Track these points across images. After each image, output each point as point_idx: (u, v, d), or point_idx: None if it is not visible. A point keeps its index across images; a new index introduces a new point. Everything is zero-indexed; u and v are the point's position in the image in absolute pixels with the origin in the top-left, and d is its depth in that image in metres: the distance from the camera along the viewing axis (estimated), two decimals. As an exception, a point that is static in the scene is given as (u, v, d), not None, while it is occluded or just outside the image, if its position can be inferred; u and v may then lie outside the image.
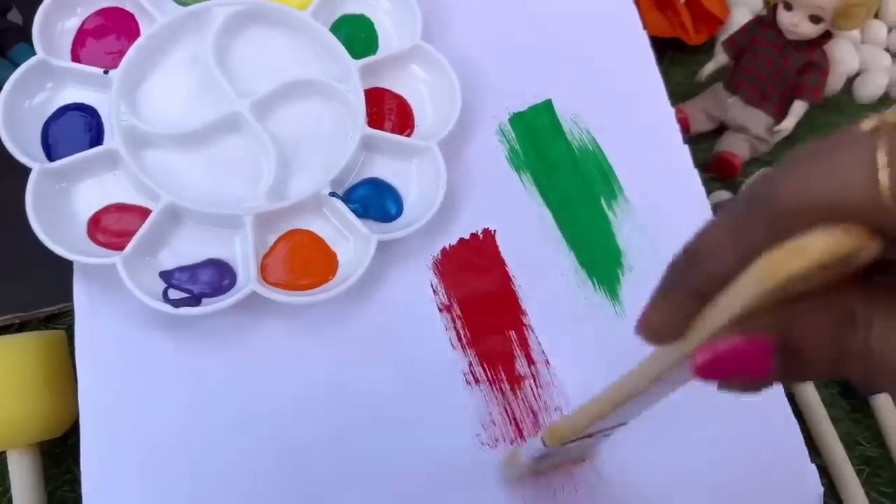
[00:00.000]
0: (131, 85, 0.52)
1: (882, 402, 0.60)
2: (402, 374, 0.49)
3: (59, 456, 0.55)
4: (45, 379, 0.52)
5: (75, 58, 0.53)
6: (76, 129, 0.52)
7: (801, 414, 0.60)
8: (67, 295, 0.57)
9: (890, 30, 0.84)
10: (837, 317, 0.19)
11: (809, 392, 0.60)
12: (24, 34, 0.71)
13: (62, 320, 0.60)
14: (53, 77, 0.52)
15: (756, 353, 0.20)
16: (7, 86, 0.50)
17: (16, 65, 0.66)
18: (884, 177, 0.17)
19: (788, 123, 0.73)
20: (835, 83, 0.79)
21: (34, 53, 0.56)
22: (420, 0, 0.57)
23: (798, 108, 0.73)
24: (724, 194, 0.70)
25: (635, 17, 0.62)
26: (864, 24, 0.84)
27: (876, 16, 0.85)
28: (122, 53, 0.53)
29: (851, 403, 0.62)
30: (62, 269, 0.55)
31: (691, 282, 0.22)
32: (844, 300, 0.20)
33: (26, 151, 0.49)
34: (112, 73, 0.52)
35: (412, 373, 0.50)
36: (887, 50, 0.83)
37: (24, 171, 0.49)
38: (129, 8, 0.55)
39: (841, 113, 0.79)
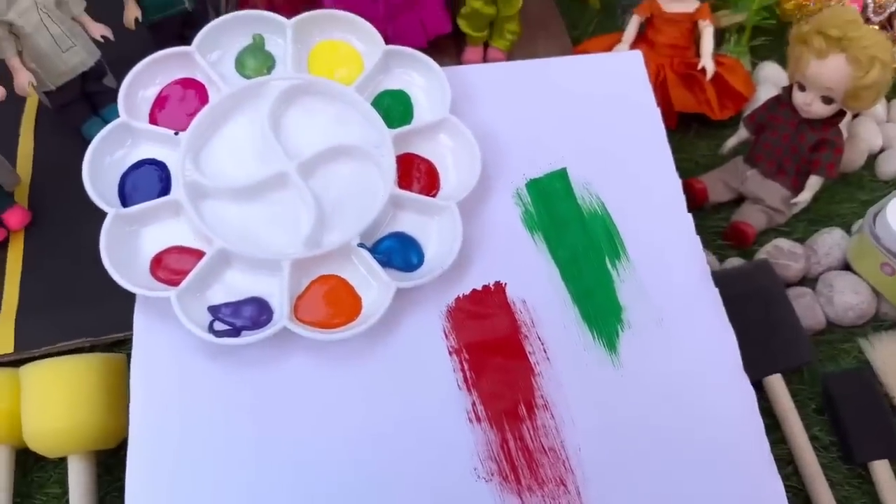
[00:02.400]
0: (197, 145, 0.61)
1: (879, 468, 0.61)
2: (411, 408, 0.55)
3: (112, 465, 0.63)
4: (106, 395, 0.60)
5: (152, 120, 0.63)
6: (148, 180, 0.61)
7: (802, 478, 0.62)
8: (131, 324, 0.65)
9: (915, 110, 0.87)
10: None
11: (808, 456, 0.62)
12: (115, 96, 0.81)
13: (126, 346, 0.68)
14: (132, 136, 0.62)
15: None
16: (93, 143, 0.60)
17: (106, 122, 0.77)
18: None
19: (804, 197, 0.76)
20: (857, 159, 0.82)
21: None
22: (450, 76, 0.65)
23: (814, 183, 0.76)
24: (736, 261, 0.74)
25: (649, 95, 0.68)
26: (889, 105, 0.87)
27: (903, 96, 0.89)
28: (192, 116, 0.62)
29: (851, 468, 0.63)
30: (128, 302, 0.63)
31: None
32: None
33: (105, 198, 0.58)
34: (181, 134, 0.61)
35: (421, 408, 0.55)
36: (911, 129, 0.86)
37: (101, 215, 0.58)
38: (199, 78, 0.65)
39: (862, 189, 0.81)
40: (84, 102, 0.80)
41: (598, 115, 0.67)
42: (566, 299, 0.59)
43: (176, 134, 0.61)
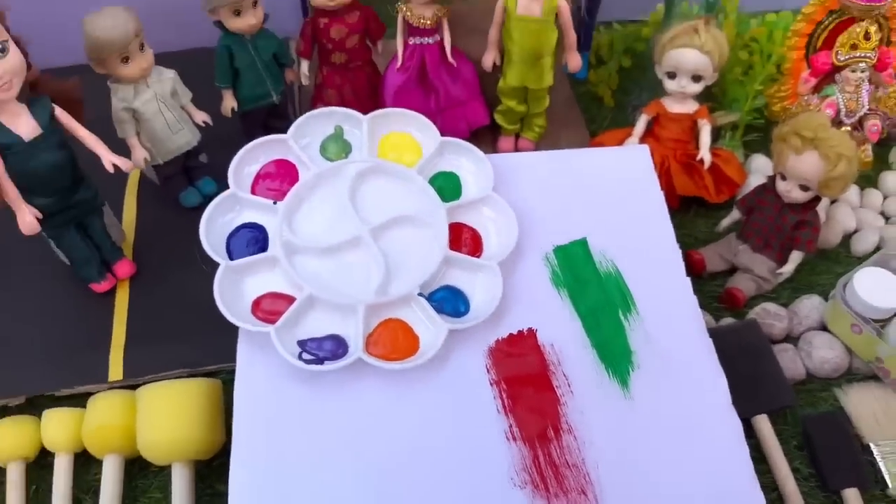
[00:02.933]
0: (290, 212, 0.76)
1: (850, 494, 0.73)
2: (459, 427, 0.68)
3: (206, 474, 0.75)
4: (206, 413, 0.73)
5: (253, 191, 0.78)
6: (250, 239, 0.76)
7: (784, 502, 0.74)
8: (222, 357, 0.79)
9: (885, 197, 1.02)
10: None
11: (790, 484, 0.74)
12: (209, 170, 0.97)
13: (217, 375, 0.81)
14: (239, 204, 0.77)
15: None
16: (208, 209, 0.75)
17: (201, 193, 0.93)
18: None
19: (788, 268, 0.90)
20: (833, 239, 0.96)
21: (215, 185, 0.81)
22: (492, 161, 0.80)
23: (795, 257, 0.90)
24: (729, 321, 0.87)
25: (654, 181, 0.83)
26: (861, 193, 1.02)
27: (874, 185, 1.03)
28: (285, 189, 0.77)
29: (826, 495, 0.75)
30: (218, 338, 0.77)
31: None
32: None
33: (217, 252, 0.73)
34: (279, 204, 0.76)
35: (467, 427, 0.68)
36: (882, 213, 1.00)
37: (193, 267, 0.72)
38: (292, 160, 0.80)
39: (839, 263, 0.95)
40: (183, 175, 0.96)
41: (612, 195, 0.82)
42: (587, 344, 0.72)
43: (275, 203, 0.76)
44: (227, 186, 0.76)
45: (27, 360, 0.83)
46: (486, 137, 1.06)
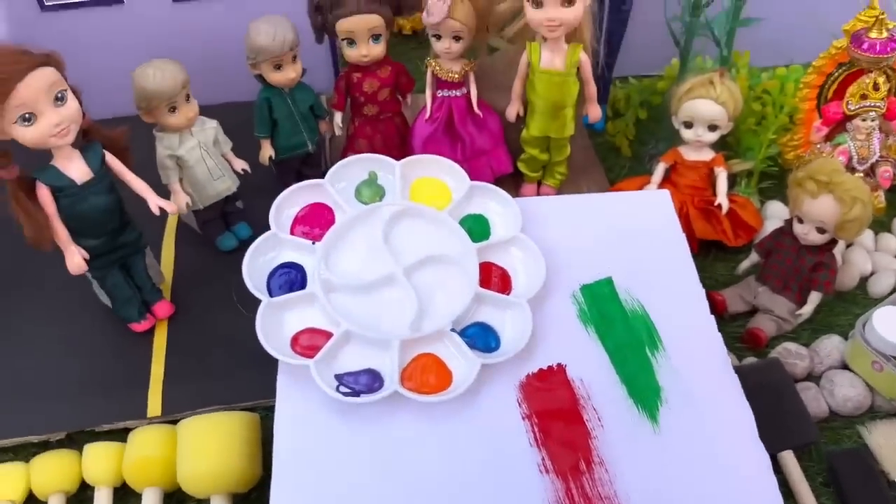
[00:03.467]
0: (328, 252, 0.79)
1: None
2: (493, 459, 0.69)
3: (243, 507, 0.77)
4: (245, 445, 0.75)
5: (292, 232, 0.82)
6: (289, 278, 0.79)
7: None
8: (256, 395, 0.82)
9: (900, 241, 1.05)
10: None
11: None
12: (244, 215, 1.01)
13: (253, 411, 0.84)
14: (279, 245, 0.81)
15: None
16: (251, 249, 0.78)
17: (237, 237, 0.97)
18: None
19: (807, 309, 0.92)
20: (850, 281, 0.98)
21: (250, 230, 0.86)
22: (519, 204, 0.84)
23: (814, 298, 0.92)
24: (751, 360, 0.89)
25: (676, 223, 0.86)
26: (876, 237, 1.05)
27: (889, 230, 1.06)
28: (322, 231, 0.81)
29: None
30: (252, 376, 0.80)
31: None
32: None
33: (258, 289, 0.76)
34: (317, 244, 0.79)
35: (500, 459, 0.69)
36: (896, 257, 1.03)
37: (229, 308, 0.77)
38: (329, 203, 0.84)
39: (856, 304, 0.97)
40: (221, 220, 1.00)
41: (635, 237, 0.85)
42: (615, 379, 0.75)
43: (313, 244, 0.79)
44: (260, 231, 0.80)
45: (68, 397, 0.85)
46: (508, 185, 1.09)
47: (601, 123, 1.21)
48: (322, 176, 0.85)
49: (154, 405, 0.84)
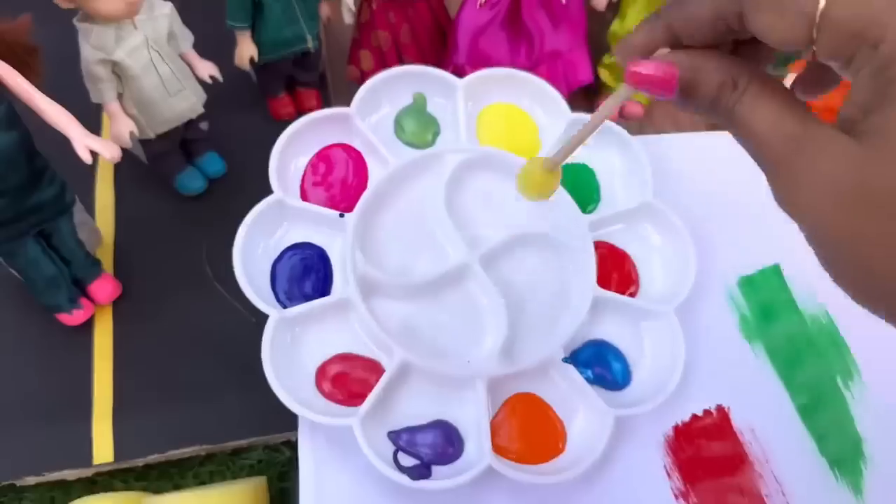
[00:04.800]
0: (363, 228, 0.51)
1: None
2: (638, 565, 0.46)
3: None
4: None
5: (305, 195, 0.53)
6: (304, 266, 0.51)
7: None
8: (254, 427, 0.56)
9: None
10: (725, 78, 0.28)
11: None
12: (211, 143, 0.71)
13: (247, 454, 0.58)
14: (286, 217, 0.52)
15: (666, 78, 0.28)
16: (243, 228, 0.50)
17: (203, 173, 0.66)
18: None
19: None
20: None
21: (222, 162, 0.55)
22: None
23: None
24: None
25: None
26: None
27: None
28: (348, 191, 0.52)
29: None
30: (249, 396, 0.54)
31: (673, 17, 0.29)
32: (737, 71, 0.28)
33: (262, 297, 0.48)
34: (347, 216, 0.51)
35: (621, 476, 0.46)
36: None
37: (204, 287, 0.49)
38: (357, 146, 0.55)
39: None
40: (180, 153, 0.69)
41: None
42: (799, 428, 0.51)
43: (341, 216, 0.51)
44: (236, 165, 0.51)
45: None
46: (577, 100, 0.81)
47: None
48: (321, 84, 0.54)
49: (102, 447, 0.57)
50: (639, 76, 0.29)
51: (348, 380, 0.48)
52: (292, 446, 0.56)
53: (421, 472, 0.46)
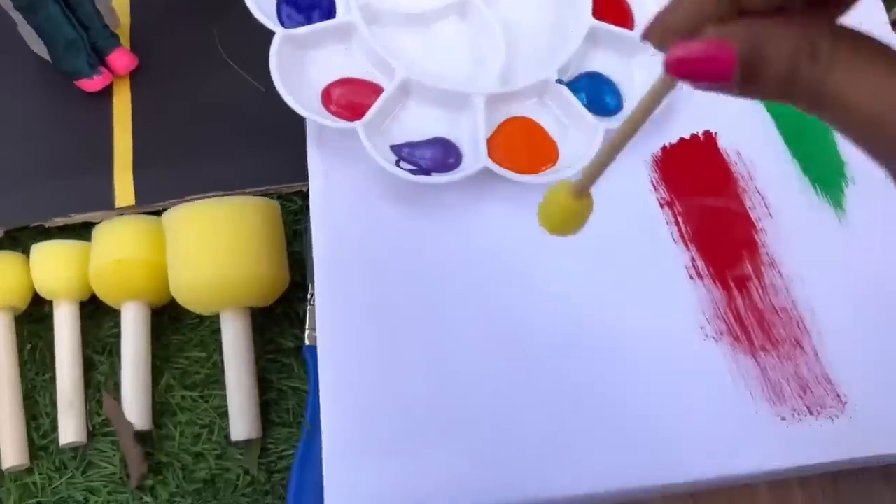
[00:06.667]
0: (364, -40, 0.53)
1: None
2: (624, 261, 0.49)
3: (265, 326, 0.56)
4: (264, 242, 0.53)
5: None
6: (310, 2, 0.53)
7: None
8: (264, 177, 0.59)
9: None
10: (800, 45, 0.21)
11: None
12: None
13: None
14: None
15: (721, 59, 0.21)
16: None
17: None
18: None
19: None
20: None
21: None
22: None
23: None
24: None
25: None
26: None
27: None
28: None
29: None
30: (259, 153, 0.58)
31: None
32: (814, 33, 0.21)
33: (265, 14, 0.50)
34: (350, -56, 0.52)
35: (634, 261, 0.49)
36: None
37: (214, 60, 0.54)
38: None
39: None
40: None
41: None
42: (784, 152, 0.53)
43: (344, -53, 0.52)
44: None
45: (1, 185, 0.62)
46: None
47: None
48: None
49: (123, 192, 0.61)
50: (683, 62, 0.22)
51: (353, 101, 0.51)
52: (304, 196, 0.59)
53: (422, 174, 0.49)
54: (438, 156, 0.50)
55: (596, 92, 0.53)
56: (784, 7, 0.21)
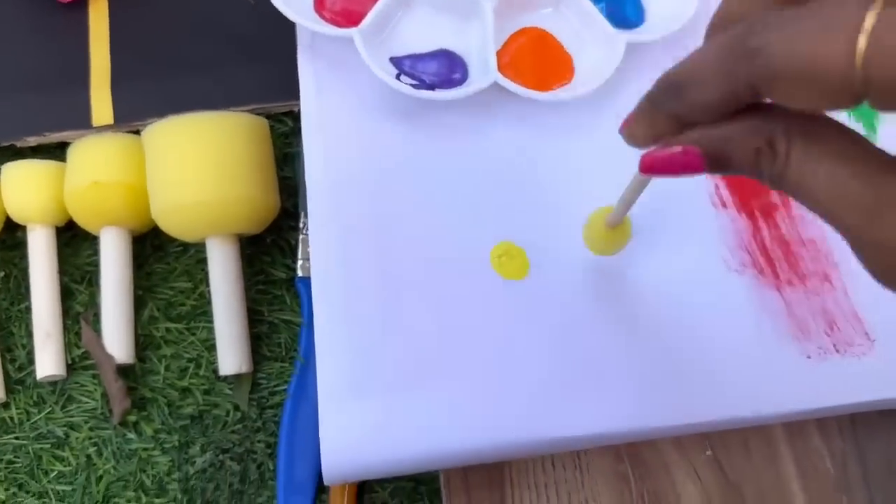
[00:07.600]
0: None
1: None
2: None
3: (254, 255, 0.53)
4: (252, 162, 0.49)
5: None
6: None
7: None
8: (252, 95, 0.55)
9: None
10: (757, 144, 0.23)
11: None
12: None
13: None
14: None
15: (689, 160, 0.25)
16: None
17: None
18: (862, 42, 0.18)
19: None
20: None
21: None
22: None
23: None
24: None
25: None
26: None
27: None
28: None
29: None
30: (247, 68, 0.53)
31: (674, 108, 0.25)
32: (769, 128, 0.22)
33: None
34: None
35: (652, 188, 0.45)
36: None
37: None
38: None
39: None
40: None
41: None
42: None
43: None
44: None
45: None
46: None
47: None
48: None
49: (101, 110, 0.56)
50: (654, 164, 0.26)
51: (349, 7, 0.46)
52: (295, 117, 0.55)
53: (425, 88, 0.44)
54: (443, 69, 0.46)
55: (616, 2, 0.49)
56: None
